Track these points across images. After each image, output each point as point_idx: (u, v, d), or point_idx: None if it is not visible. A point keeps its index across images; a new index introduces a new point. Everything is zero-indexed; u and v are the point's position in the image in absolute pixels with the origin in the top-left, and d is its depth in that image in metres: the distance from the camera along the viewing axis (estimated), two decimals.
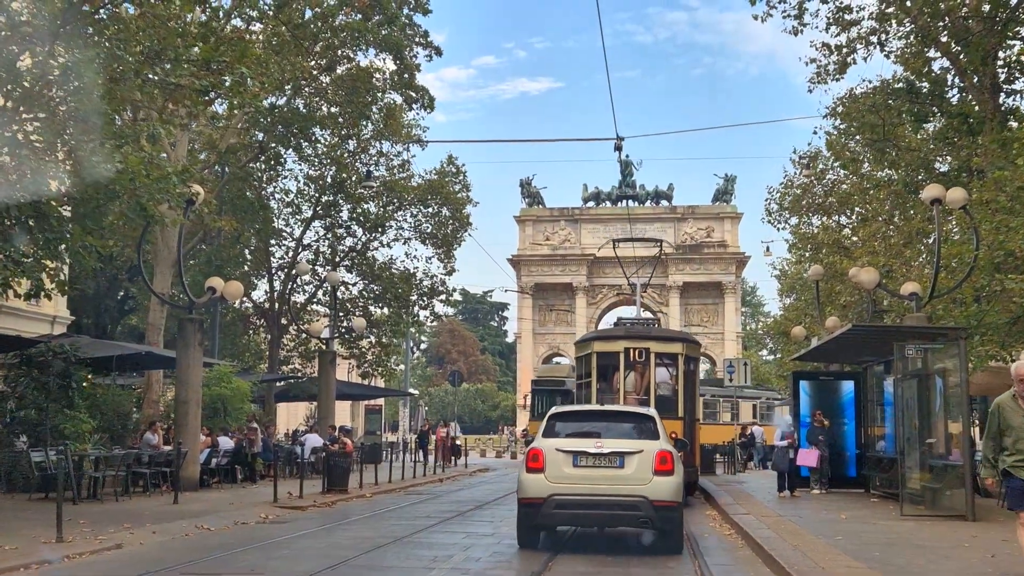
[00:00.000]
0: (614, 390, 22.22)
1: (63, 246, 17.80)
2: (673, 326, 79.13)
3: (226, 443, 25.76)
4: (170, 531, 15.60)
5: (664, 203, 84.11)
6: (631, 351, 22.14)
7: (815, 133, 33.24)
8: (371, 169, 36.64)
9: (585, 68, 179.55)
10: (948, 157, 29.70)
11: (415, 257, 42.04)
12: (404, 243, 41.28)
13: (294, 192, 39.30)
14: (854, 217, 37.55)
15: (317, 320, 36.90)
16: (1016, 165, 21.62)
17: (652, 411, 15.36)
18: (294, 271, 36.20)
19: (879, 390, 24.02)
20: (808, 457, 23.39)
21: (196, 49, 19.70)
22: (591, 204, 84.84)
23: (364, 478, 26.99)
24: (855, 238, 34.96)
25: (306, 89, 32.69)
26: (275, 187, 39.44)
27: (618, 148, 21.24)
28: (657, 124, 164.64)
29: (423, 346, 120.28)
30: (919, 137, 31.74)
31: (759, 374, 62.08)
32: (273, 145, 32.99)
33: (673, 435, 16.69)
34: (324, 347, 34.44)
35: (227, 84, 23.61)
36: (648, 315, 46.05)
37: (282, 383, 39.30)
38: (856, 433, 24.85)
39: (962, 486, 17.32)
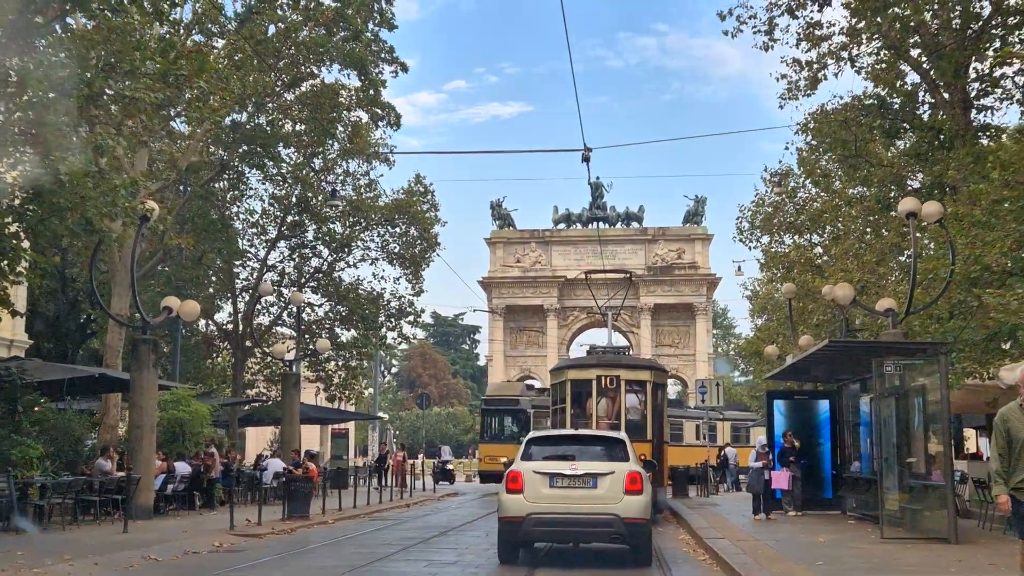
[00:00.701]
0: (587, 415, 23.27)
1: (4, 262, 16.83)
2: (644, 348, 78.77)
3: (183, 468, 24.72)
4: (114, 563, 14.62)
5: (635, 225, 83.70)
6: (603, 378, 23.33)
7: (787, 149, 32.75)
8: (336, 188, 35.74)
9: (555, 93, 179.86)
10: (920, 173, 29.24)
11: (383, 278, 41.14)
12: (371, 263, 40.48)
13: (259, 212, 38.50)
14: (826, 235, 37.08)
15: (282, 342, 35.92)
16: (990, 179, 21.15)
17: (623, 435, 16.23)
18: (257, 292, 35.29)
19: (854, 409, 23.36)
20: (780, 479, 22.69)
21: (153, 63, 19.01)
22: (562, 226, 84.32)
23: (328, 504, 26.02)
24: (827, 256, 34.43)
25: (270, 106, 31.89)
26: (240, 207, 38.70)
27: (586, 159, 20.54)
28: (628, 148, 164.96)
29: (394, 370, 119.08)
30: (891, 154, 31.35)
31: (732, 395, 61.50)
32: (236, 163, 32.11)
33: (642, 457, 17.35)
34: (288, 369, 33.44)
35: (186, 98, 23.04)
36: (623, 342, 45.12)
37: (247, 407, 38.25)
38: (832, 453, 24.15)
39: (943, 507, 16.61)
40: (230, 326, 38.50)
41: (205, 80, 23.14)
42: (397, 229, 40.28)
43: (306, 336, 40.31)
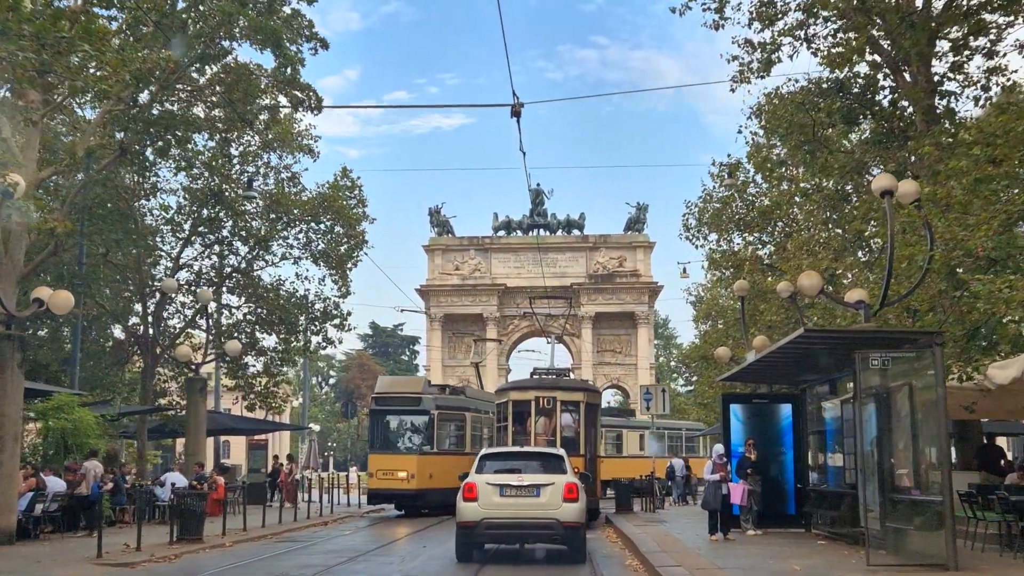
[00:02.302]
0: (527, 432, 25.15)
1: None
2: (585, 357, 75.77)
3: (56, 485, 21.14)
4: None
5: (576, 232, 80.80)
6: (540, 399, 25.36)
7: (740, 132, 29.84)
8: (252, 178, 32.34)
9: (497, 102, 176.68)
10: (881, 163, 26.63)
11: (306, 278, 37.56)
12: (294, 263, 37.03)
13: (174, 208, 34.97)
14: (778, 233, 34.51)
15: (189, 343, 32.28)
16: (970, 156, 18.56)
17: (561, 451, 18.46)
18: (159, 288, 31.70)
19: (820, 415, 20.58)
20: (737, 494, 19.77)
21: (30, 24, 16.41)
22: (502, 233, 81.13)
23: (233, 523, 22.72)
24: (780, 253, 31.80)
25: (178, 87, 28.50)
26: (152, 202, 35.19)
27: (516, 114, 17.63)
28: (567, 159, 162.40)
29: (332, 380, 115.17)
30: (850, 142, 28.81)
31: (675, 404, 58.77)
32: (139, 148, 28.58)
33: (577, 470, 18.59)
34: (193, 374, 29.88)
35: (70, 64, 20.07)
36: (564, 357, 41.72)
37: (156, 416, 34.55)
38: (795, 464, 21.29)
39: (940, 527, 13.75)
40: (140, 329, 34.79)
41: (93, 46, 20.12)
42: (322, 226, 36.92)
43: (222, 339, 36.86)
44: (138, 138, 27.81)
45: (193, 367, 29.73)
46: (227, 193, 32.43)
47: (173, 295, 33.78)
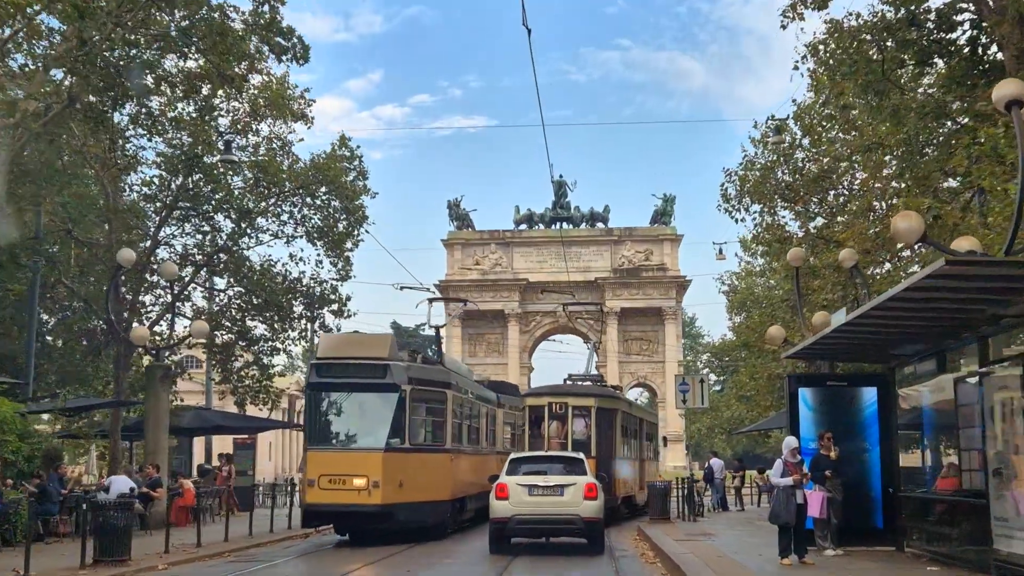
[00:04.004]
0: (541, 435, 25.37)
1: None
2: (611, 354, 70.88)
3: None
4: None
5: (600, 225, 76.07)
6: (554, 405, 25.58)
7: (796, 69, 24.71)
8: (230, 140, 27.68)
9: (519, 106, 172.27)
10: (964, 104, 21.66)
11: (301, 259, 32.84)
12: (287, 242, 32.30)
13: (156, 183, 30.42)
14: (828, 204, 29.58)
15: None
16: None
17: (580, 455, 19.97)
18: (157, 272, 26.99)
19: (916, 400, 15.67)
20: (814, 503, 14.85)
21: None
22: (523, 227, 76.51)
23: (196, 536, 18.11)
24: (831, 226, 26.90)
25: (140, 30, 23.92)
26: (134, 178, 30.73)
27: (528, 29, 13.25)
28: (591, 160, 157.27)
29: None
30: (922, 86, 23.92)
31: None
32: (91, 99, 23.94)
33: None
34: (153, 360, 25.15)
35: None
36: (596, 371, 37.03)
37: (131, 411, 29.87)
38: (882, 464, 16.29)
39: None
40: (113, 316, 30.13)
41: None
42: (318, 201, 32.21)
43: (210, 328, 32.31)
44: (89, 86, 23.18)
45: (152, 352, 25.01)
46: (205, 159, 27.75)
47: (150, 277, 29.35)
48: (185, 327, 28.76)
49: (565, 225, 75.73)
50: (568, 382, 29.12)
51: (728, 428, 56.41)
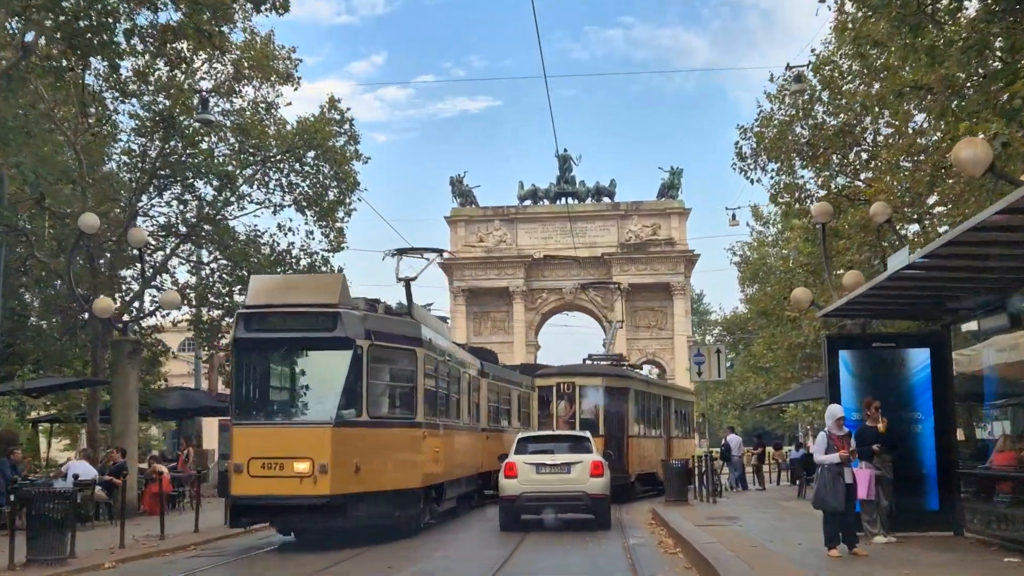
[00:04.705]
0: (549, 414, 25.98)
1: None
2: (618, 332, 68.35)
3: None
4: None
5: (606, 200, 73.45)
6: (561, 385, 26.04)
7: (823, 1, 22.18)
8: (206, 97, 25.35)
9: (524, 85, 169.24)
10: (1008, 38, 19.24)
11: (290, 230, 30.48)
12: (274, 212, 30.01)
13: (137, 151, 28.17)
14: (850, 163, 27.26)
15: (120, 295, 25.27)
16: None
17: (587, 433, 20.49)
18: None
19: (974, 364, 13.37)
20: (862, 482, 12.52)
21: None
22: (528, 203, 73.91)
23: (172, 527, 16.00)
24: (868, 173, 24.58)
25: None
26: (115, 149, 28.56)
27: None
28: (597, 139, 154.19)
29: None
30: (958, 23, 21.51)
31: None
32: (53, 47, 21.60)
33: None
34: (119, 334, 22.89)
35: None
36: (616, 352, 35.65)
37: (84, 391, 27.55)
38: (937, 436, 13.97)
39: None
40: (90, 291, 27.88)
41: None
42: (307, 168, 29.92)
43: (196, 305, 30.14)
44: (45, 36, 20.86)
45: (119, 326, 22.76)
46: (182, 120, 25.47)
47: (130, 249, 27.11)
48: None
49: (570, 200, 73.22)
50: (588, 362, 29.40)
51: (741, 404, 54.16)
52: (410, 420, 16.51)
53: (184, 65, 24.21)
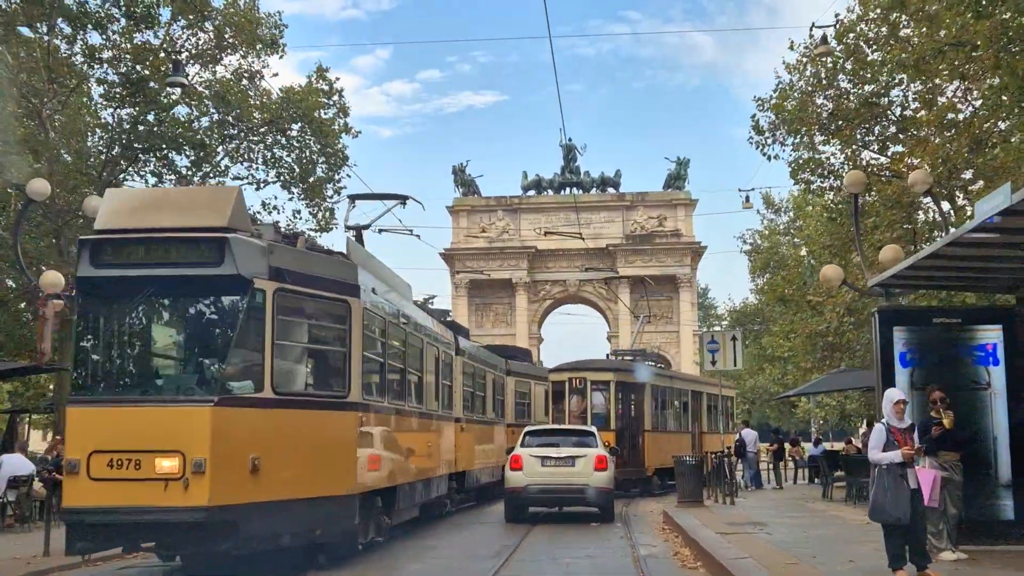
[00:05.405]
0: (561, 409, 26.21)
1: None
2: (623, 324, 66.01)
3: None
4: None
5: (611, 191, 71.02)
6: (573, 380, 26.11)
7: None
8: (178, 60, 22.97)
9: (529, 80, 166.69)
10: None
11: (275, 207, 28.14)
12: (257, 188, 27.68)
13: (113, 123, 25.86)
14: (877, 136, 24.95)
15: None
16: None
17: (592, 428, 20.72)
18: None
19: None
20: (926, 484, 10.03)
21: None
22: (532, 192, 71.46)
23: None
24: (898, 145, 22.21)
25: None
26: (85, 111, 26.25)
27: None
28: (602, 134, 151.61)
29: None
30: None
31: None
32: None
33: (607, 443, 20.82)
34: (67, 312, 20.55)
35: None
36: (641, 347, 34.09)
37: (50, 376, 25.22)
38: (1012, 433, 11.55)
39: None
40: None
41: None
42: (293, 141, 27.59)
43: None
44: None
45: (63, 297, 20.35)
46: (147, 81, 23.14)
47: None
48: None
49: (575, 191, 70.76)
50: (612, 357, 30.41)
51: (751, 398, 51.79)
52: (340, 399, 11.55)
53: (151, 20, 21.94)
